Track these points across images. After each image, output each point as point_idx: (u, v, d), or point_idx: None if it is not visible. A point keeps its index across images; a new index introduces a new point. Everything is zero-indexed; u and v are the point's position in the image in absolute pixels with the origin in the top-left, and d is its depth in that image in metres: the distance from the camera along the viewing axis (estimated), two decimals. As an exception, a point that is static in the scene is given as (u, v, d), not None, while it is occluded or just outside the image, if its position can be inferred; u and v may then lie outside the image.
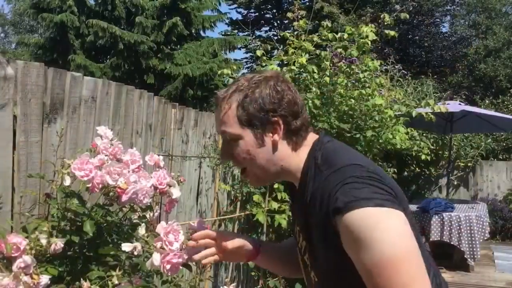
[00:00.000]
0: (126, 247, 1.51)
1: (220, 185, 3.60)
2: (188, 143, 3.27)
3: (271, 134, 1.19)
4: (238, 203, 3.71)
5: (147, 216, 1.87)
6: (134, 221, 1.92)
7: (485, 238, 6.31)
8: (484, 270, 6.30)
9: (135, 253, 1.53)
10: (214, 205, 3.51)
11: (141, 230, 1.60)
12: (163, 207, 2.02)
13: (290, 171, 1.22)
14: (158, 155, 2.07)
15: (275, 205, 3.60)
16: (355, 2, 13.90)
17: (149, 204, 1.80)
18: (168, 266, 1.47)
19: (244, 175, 1.29)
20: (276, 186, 3.74)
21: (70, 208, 1.70)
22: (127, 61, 14.21)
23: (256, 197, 3.62)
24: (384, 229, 0.99)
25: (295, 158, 1.21)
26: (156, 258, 1.47)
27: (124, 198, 1.67)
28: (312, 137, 1.24)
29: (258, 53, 4.39)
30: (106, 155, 1.81)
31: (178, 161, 3.05)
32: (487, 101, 13.92)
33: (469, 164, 9.66)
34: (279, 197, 3.65)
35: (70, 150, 2.09)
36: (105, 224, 1.83)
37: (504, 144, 11.61)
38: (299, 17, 4.51)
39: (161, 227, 1.50)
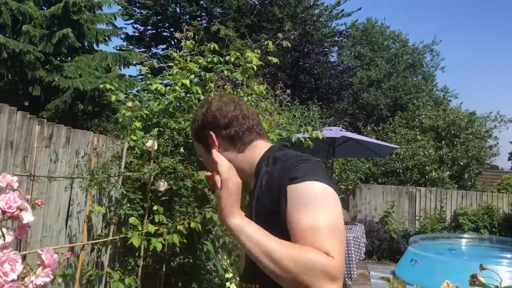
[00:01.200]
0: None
1: (94, 207, 3.42)
2: (57, 163, 3.07)
3: (212, 145, 1.49)
4: (113, 226, 3.55)
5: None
6: (-21, 248, 1.74)
7: (361, 258, 6.68)
8: (359, 289, 6.66)
9: (-34, 286, 1.38)
10: (84, 228, 3.32)
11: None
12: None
13: (244, 169, 1.47)
14: (15, 175, 1.92)
15: (151, 228, 3.49)
16: (250, 27, 14.29)
17: (-5, 229, 1.65)
18: (2, 299, 1.34)
19: None
20: (155, 207, 3.64)
21: None
22: (11, 70, 13.20)
23: (132, 220, 3.49)
24: (329, 203, 1.23)
25: (244, 157, 1.49)
26: (-12, 291, 1.33)
27: (-39, 223, 1.51)
28: (265, 143, 1.53)
29: (143, 69, 4.31)
30: (-51, 175, 1.63)
31: (41, 181, 2.84)
32: (369, 128, 14.94)
33: (349, 187, 10.23)
34: (156, 220, 3.55)
35: None
36: None
37: (383, 168, 12.49)
38: (188, 37, 4.49)
39: (-6, 257, 1.37)
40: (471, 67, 52.58)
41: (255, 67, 4.40)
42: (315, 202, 1.22)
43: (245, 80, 4.49)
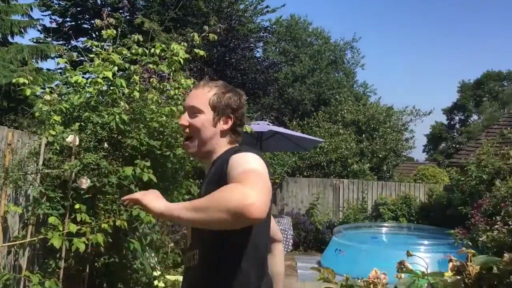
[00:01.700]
0: None
1: (9, 207, 3.19)
2: (-34, 160, 2.83)
3: (222, 123, 1.74)
4: (31, 227, 3.33)
5: None
6: None
7: (289, 250, 6.79)
8: (286, 280, 6.69)
9: None
10: (-1, 230, 3.09)
11: None
12: None
13: (215, 153, 1.73)
14: None
15: (73, 228, 3.32)
16: (175, 21, 14.04)
17: None
18: None
19: (186, 143, 1.77)
20: (77, 206, 3.47)
21: None
22: None
23: (52, 219, 3.29)
24: (259, 164, 1.49)
25: (224, 147, 1.73)
26: None
27: None
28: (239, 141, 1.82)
29: (60, 61, 4.08)
30: None
31: None
32: (294, 122, 15.23)
33: (277, 181, 10.37)
34: (79, 219, 3.38)
35: None
36: None
37: (309, 162, 12.80)
38: (108, 24, 4.26)
39: None
40: (388, 64, 55.25)
41: (181, 60, 4.31)
42: (247, 161, 1.49)
43: (171, 73, 4.38)
